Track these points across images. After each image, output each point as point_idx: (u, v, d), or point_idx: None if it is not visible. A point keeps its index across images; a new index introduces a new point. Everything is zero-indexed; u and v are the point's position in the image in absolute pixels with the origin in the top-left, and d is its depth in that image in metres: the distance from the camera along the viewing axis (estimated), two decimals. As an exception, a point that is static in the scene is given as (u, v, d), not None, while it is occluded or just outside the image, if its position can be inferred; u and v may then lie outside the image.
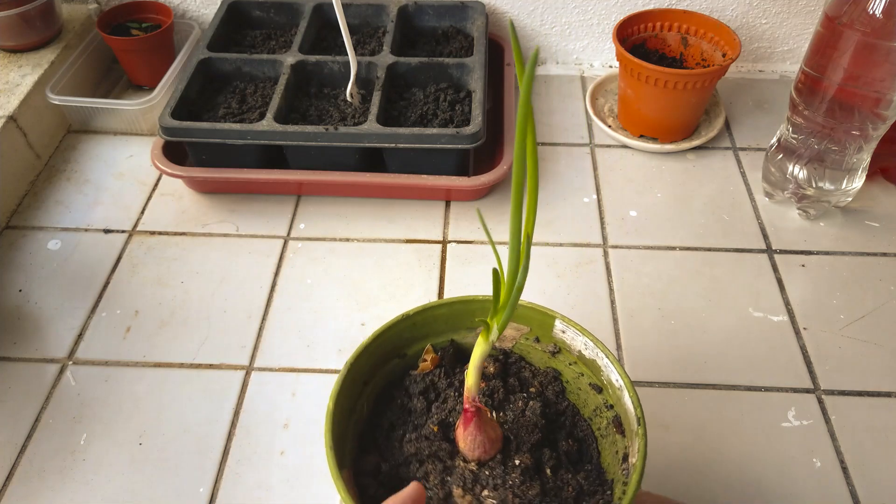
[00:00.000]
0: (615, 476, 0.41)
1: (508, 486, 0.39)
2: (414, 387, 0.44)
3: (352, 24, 0.84)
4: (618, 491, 0.40)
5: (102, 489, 0.52)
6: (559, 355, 0.46)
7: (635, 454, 0.39)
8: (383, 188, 0.73)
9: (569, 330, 0.44)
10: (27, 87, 0.77)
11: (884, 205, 0.73)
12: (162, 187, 0.75)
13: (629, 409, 0.40)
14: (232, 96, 0.76)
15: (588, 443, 0.43)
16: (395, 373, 0.46)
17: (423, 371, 0.45)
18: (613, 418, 0.42)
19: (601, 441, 0.43)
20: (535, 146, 0.29)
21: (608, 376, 0.43)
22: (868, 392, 0.57)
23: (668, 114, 0.76)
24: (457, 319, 0.46)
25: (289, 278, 0.66)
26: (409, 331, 0.46)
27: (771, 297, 0.64)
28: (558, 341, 0.46)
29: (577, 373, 0.45)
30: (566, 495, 0.40)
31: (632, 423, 0.40)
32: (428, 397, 0.44)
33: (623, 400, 0.41)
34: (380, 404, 0.45)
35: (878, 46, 0.57)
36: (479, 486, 0.39)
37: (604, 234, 0.70)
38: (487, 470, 0.39)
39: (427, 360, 0.46)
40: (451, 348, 0.47)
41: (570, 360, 0.46)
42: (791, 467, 0.53)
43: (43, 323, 0.63)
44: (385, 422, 0.44)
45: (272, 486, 0.52)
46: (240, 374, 0.59)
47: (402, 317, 0.45)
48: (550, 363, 0.46)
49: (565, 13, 0.88)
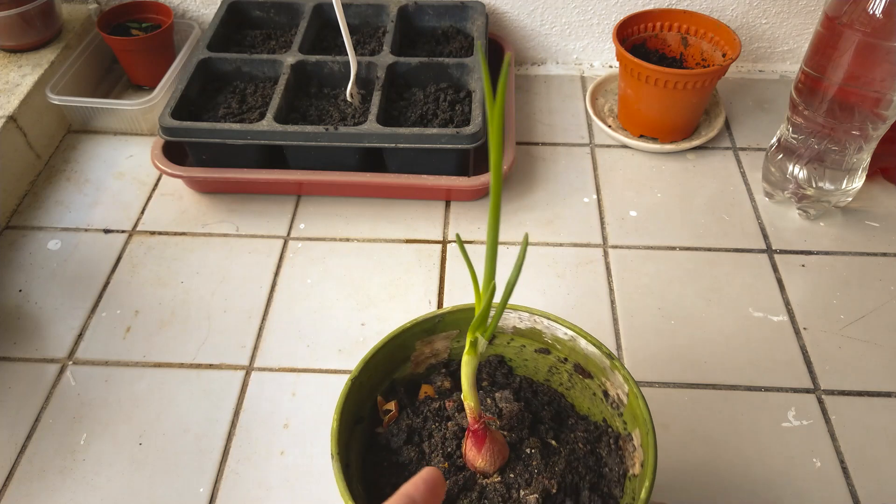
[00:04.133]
0: (604, 414, 0.43)
1: (537, 474, 0.39)
2: (394, 441, 0.42)
3: (352, 24, 0.84)
4: (618, 425, 0.42)
5: (102, 489, 0.52)
6: (494, 341, 0.46)
7: (623, 393, 0.41)
8: (383, 188, 0.73)
9: None
10: (27, 87, 0.77)
11: (884, 205, 0.73)
12: (162, 187, 0.75)
13: (589, 352, 0.43)
14: (232, 96, 0.76)
15: (557, 401, 0.45)
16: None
17: (391, 421, 0.43)
18: (574, 367, 0.45)
19: (568, 394, 0.46)
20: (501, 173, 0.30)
21: (553, 335, 0.44)
22: (868, 392, 0.57)
23: (668, 114, 0.76)
24: (391, 359, 0.44)
25: (289, 278, 0.66)
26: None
27: (771, 297, 0.64)
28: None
29: (518, 346, 0.46)
30: (581, 451, 0.41)
31: (599, 362, 0.43)
32: (414, 442, 0.42)
33: (578, 348, 0.44)
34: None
35: (878, 46, 0.57)
36: (514, 492, 0.39)
37: (604, 234, 0.70)
38: (511, 473, 0.39)
39: (392, 410, 0.44)
40: (399, 387, 0.45)
41: (507, 339, 0.46)
42: (791, 467, 0.53)
43: (43, 323, 0.63)
44: (386, 485, 0.40)
45: (272, 486, 0.52)
46: (240, 374, 0.59)
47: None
48: (489, 352, 0.47)
49: (565, 13, 0.88)
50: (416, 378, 0.46)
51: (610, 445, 0.42)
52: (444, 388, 0.45)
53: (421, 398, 0.44)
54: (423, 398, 0.44)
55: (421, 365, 0.46)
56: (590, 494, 0.40)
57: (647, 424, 0.39)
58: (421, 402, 0.44)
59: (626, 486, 0.40)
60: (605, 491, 0.40)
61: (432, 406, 0.43)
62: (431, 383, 0.46)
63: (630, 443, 0.41)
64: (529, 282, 0.66)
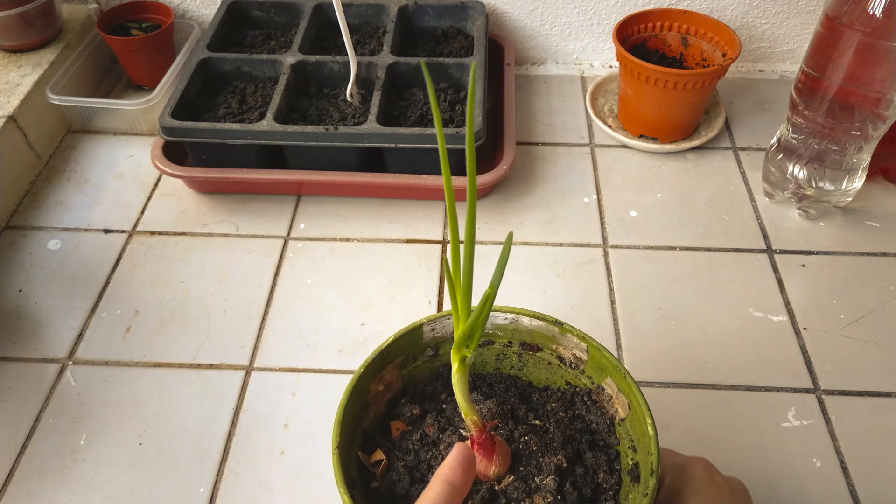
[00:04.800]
0: (566, 378, 0.45)
1: (542, 457, 0.40)
2: (399, 486, 0.39)
3: (352, 24, 0.84)
4: (584, 382, 0.44)
5: (102, 489, 0.52)
6: (438, 351, 0.46)
7: (580, 352, 0.43)
8: (383, 188, 0.73)
9: (429, 324, 0.44)
10: (27, 87, 0.77)
11: (884, 205, 0.73)
12: (162, 187, 0.75)
13: (533, 327, 0.43)
14: (232, 96, 0.76)
15: (514, 384, 0.46)
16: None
17: (385, 470, 0.41)
18: (520, 346, 0.45)
19: (522, 373, 0.46)
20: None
21: (493, 324, 0.45)
22: (868, 392, 0.57)
23: (668, 114, 0.76)
24: (354, 410, 0.41)
25: (289, 278, 0.66)
26: None
27: (771, 297, 0.64)
28: None
29: None
30: (564, 418, 0.42)
31: (547, 332, 0.44)
32: (417, 479, 0.40)
33: (521, 327, 0.44)
34: None
35: (878, 46, 0.57)
36: (531, 482, 0.39)
37: (604, 234, 0.70)
38: (521, 466, 0.40)
39: (381, 458, 0.41)
40: (372, 435, 0.43)
41: (447, 347, 0.46)
42: (791, 467, 0.53)
43: (43, 323, 0.63)
44: None
45: (272, 486, 0.52)
46: (240, 374, 0.59)
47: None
48: (429, 367, 0.47)
49: (565, 13, 0.88)
50: (380, 419, 0.44)
51: (585, 402, 0.44)
52: (414, 415, 0.43)
53: (397, 436, 0.43)
54: (398, 435, 0.43)
55: (380, 404, 0.44)
56: (592, 453, 0.41)
57: (620, 369, 0.40)
58: (400, 438, 0.42)
59: (617, 431, 0.42)
60: (601, 444, 0.42)
61: (414, 438, 0.42)
62: (398, 417, 0.44)
63: (603, 393, 0.43)
64: (529, 282, 0.66)
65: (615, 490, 0.40)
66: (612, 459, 0.41)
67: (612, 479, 0.40)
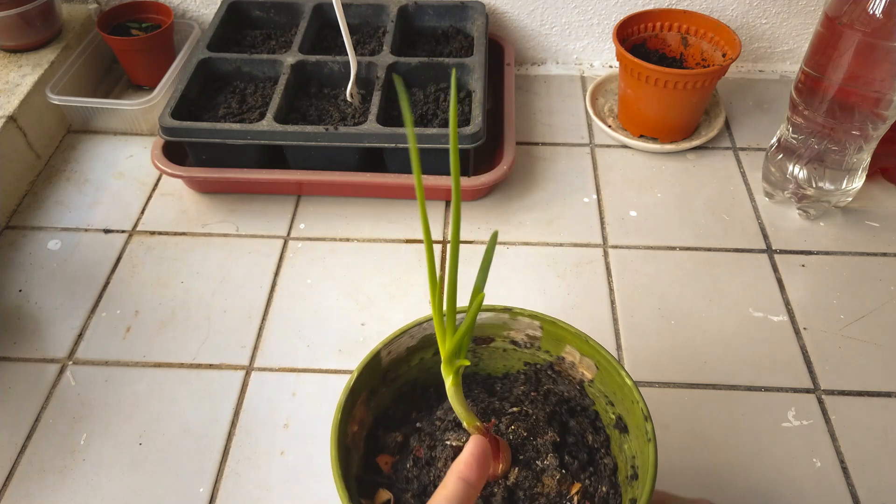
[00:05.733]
0: (523, 359, 0.45)
1: (535, 441, 0.40)
2: None
3: (352, 24, 0.84)
4: (542, 358, 0.45)
5: (102, 489, 0.52)
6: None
7: (533, 330, 0.43)
8: (383, 188, 0.73)
9: (385, 348, 0.43)
10: (27, 87, 0.77)
11: (884, 205, 0.73)
12: (162, 187, 0.75)
13: (482, 320, 0.44)
14: (232, 96, 0.76)
15: (473, 379, 0.46)
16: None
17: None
18: (472, 342, 0.45)
19: (479, 367, 0.47)
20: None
21: None
22: (868, 392, 0.57)
23: (668, 114, 0.76)
24: (342, 458, 0.39)
25: (289, 278, 0.66)
26: None
27: (771, 297, 0.64)
28: None
29: (418, 361, 0.45)
30: (538, 396, 0.43)
31: (496, 321, 0.44)
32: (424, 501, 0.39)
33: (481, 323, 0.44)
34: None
35: (878, 46, 0.57)
36: (535, 465, 0.39)
37: (604, 234, 0.70)
38: (520, 455, 0.40)
39: (388, 497, 0.40)
40: (365, 478, 0.41)
41: None
42: (791, 467, 0.53)
43: (43, 323, 0.63)
44: None
45: (272, 486, 0.52)
46: (240, 374, 0.59)
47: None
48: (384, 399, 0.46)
49: (565, 13, 0.88)
50: (365, 460, 0.42)
51: (550, 376, 0.45)
52: (398, 443, 0.42)
53: (389, 470, 0.42)
54: (390, 469, 0.42)
55: (360, 445, 0.42)
56: (575, 420, 0.42)
57: (579, 335, 0.41)
58: (394, 471, 0.41)
59: (589, 392, 0.43)
60: (579, 409, 0.43)
61: (408, 466, 0.41)
62: (382, 451, 0.43)
63: (564, 362, 0.44)
64: (529, 282, 0.66)
65: (606, 446, 0.42)
66: (593, 420, 0.43)
67: (600, 438, 0.42)
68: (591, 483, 0.40)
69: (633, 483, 0.39)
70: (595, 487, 0.40)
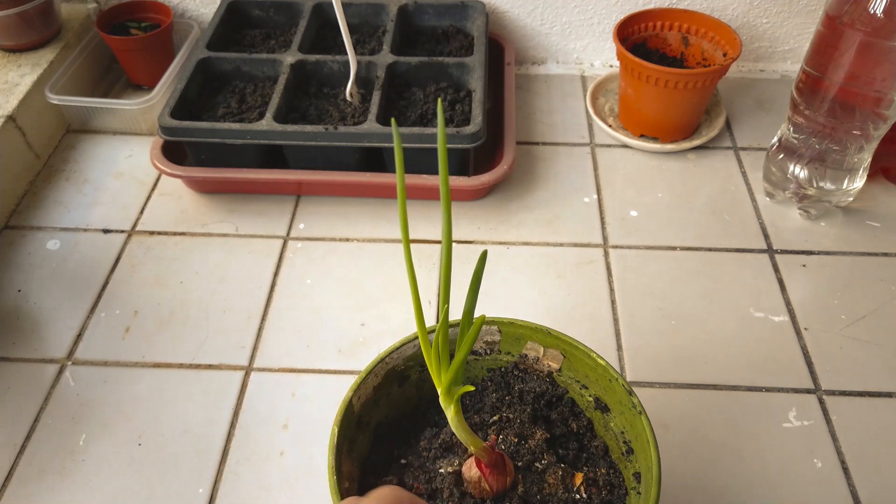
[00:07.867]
0: (486, 366, 0.46)
1: (528, 444, 0.40)
2: None
3: (352, 23, 0.84)
4: (505, 360, 0.45)
5: (102, 490, 0.52)
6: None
7: (491, 336, 0.44)
8: (383, 188, 0.73)
9: (356, 394, 0.42)
10: (26, 87, 0.77)
11: (885, 205, 0.73)
12: (161, 187, 0.75)
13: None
14: (231, 96, 0.75)
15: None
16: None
17: None
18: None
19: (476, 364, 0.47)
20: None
21: (403, 356, 0.44)
22: (869, 392, 0.57)
23: (668, 113, 0.76)
24: None
25: (289, 278, 0.66)
26: None
27: (772, 297, 0.64)
28: None
29: (385, 393, 0.45)
30: (514, 399, 0.43)
31: (453, 335, 0.43)
32: None
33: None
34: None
35: (879, 46, 0.57)
36: (536, 467, 0.39)
37: (604, 233, 0.70)
38: (519, 462, 0.40)
39: None
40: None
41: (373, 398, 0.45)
42: (792, 468, 0.53)
43: (42, 323, 0.63)
44: None
45: (272, 487, 0.52)
46: (239, 374, 0.59)
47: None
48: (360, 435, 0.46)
49: (565, 12, 0.88)
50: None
51: (517, 375, 0.45)
52: (391, 484, 0.42)
53: None
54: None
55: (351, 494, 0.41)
56: (557, 412, 0.43)
57: (539, 329, 0.42)
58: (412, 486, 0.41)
59: (559, 381, 0.44)
60: (555, 400, 0.44)
61: (410, 484, 0.40)
62: None
63: (528, 358, 0.45)
64: (529, 282, 0.66)
65: (590, 430, 0.43)
66: (570, 407, 0.44)
67: (582, 423, 0.43)
68: (589, 469, 0.41)
69: (631, 457, 0.40)
70: (594, 472, 0.40)
